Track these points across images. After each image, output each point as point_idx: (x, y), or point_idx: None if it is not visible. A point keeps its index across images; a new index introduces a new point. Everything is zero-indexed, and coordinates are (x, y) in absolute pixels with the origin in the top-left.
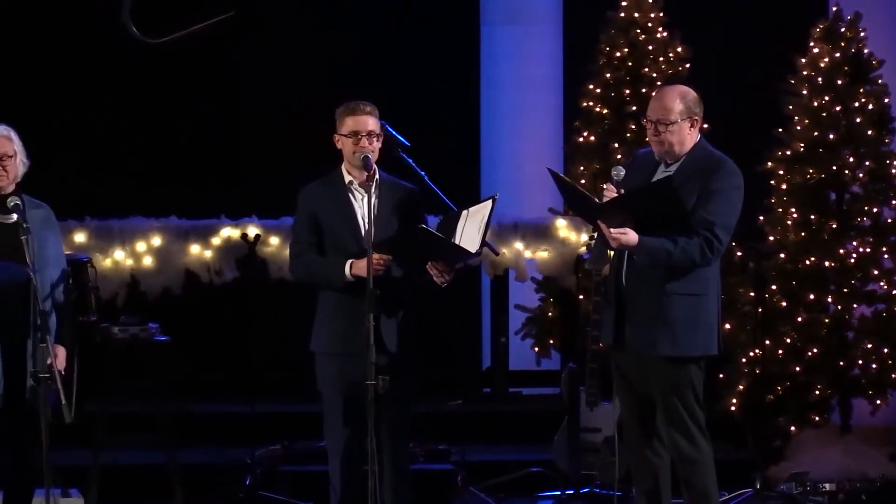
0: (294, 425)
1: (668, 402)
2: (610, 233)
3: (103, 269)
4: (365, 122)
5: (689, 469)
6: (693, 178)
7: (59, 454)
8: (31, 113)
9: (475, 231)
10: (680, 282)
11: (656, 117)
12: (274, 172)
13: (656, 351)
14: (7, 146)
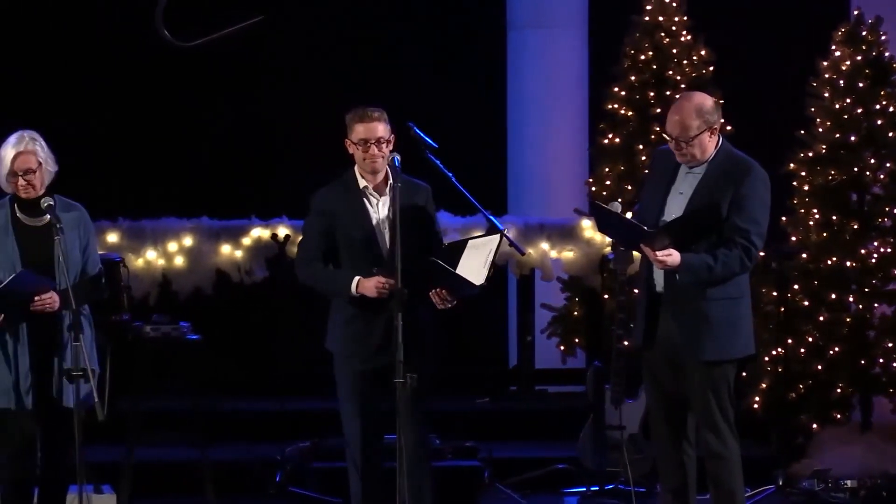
0: (323, 422)
1: (704, 402)
2: (656, 256)
3: (135, 268)
4: (374, 130)
5: (718, 466)
6: (722, 184)
7: (92, 451)
8: (66, 115)
9: (480, 264)
10: (719, 287)
11: (676, 134)
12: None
13: (700, 356)
14: (30, 161)
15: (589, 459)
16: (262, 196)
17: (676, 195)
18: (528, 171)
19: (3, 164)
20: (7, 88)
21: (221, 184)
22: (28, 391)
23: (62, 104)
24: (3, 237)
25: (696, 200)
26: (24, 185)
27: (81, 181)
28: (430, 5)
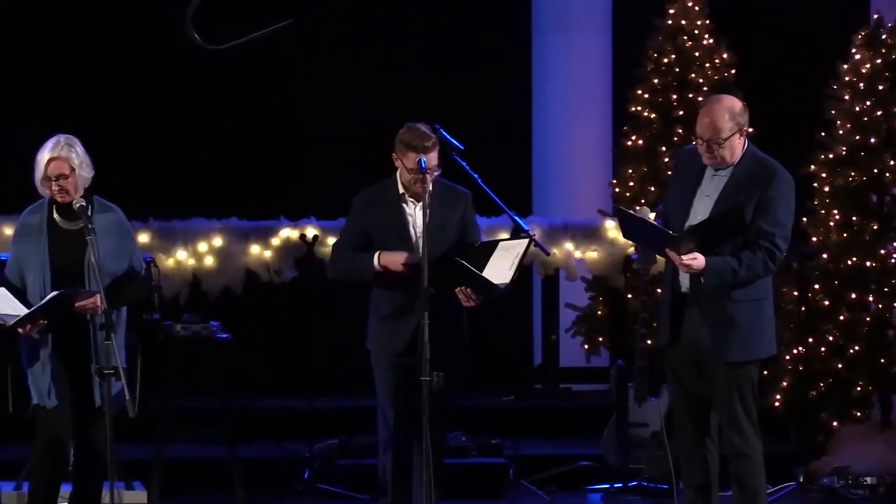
0: (350, 420)
1: (729, 402)
2: (681, 260)
3: (166, 268)
4: (429, 160)
5: (742, 465)
6: (748, 187)
7: (123, 448)
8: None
9: (506, 266)
10: (743, 289)
11: (708, 136)
12: (331, 174)
13: (725, 357)
14: (63, 167)
15: (612, 457)
16: (291, 197)
17: (703, 197)
18: (553, 173)
19: (38, 169)
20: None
21: (251, 185)
22: (61, 389)
23: (95, 107)
24: (37, 239)
25: (722, 203)
26: (57, 190)
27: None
28: (457, 9)
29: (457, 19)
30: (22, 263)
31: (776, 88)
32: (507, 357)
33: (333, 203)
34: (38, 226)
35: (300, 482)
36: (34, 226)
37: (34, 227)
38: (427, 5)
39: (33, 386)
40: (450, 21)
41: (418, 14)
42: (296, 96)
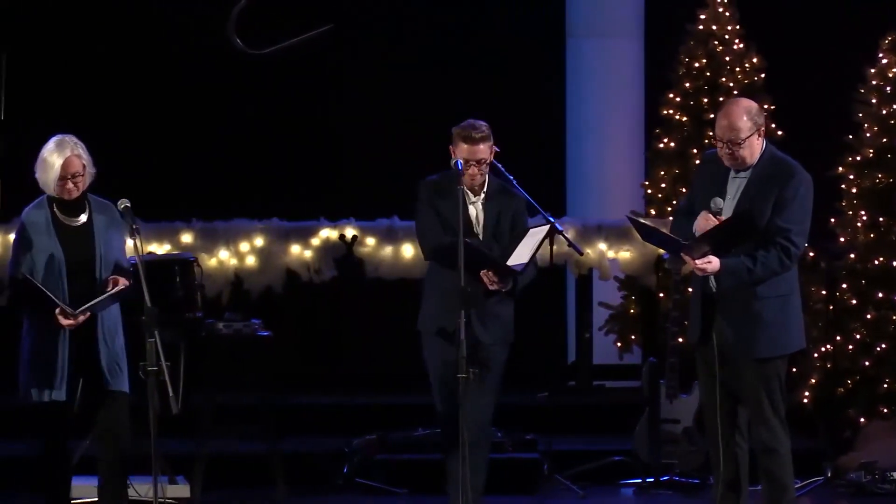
0: (389, 416)
1: (757, 398)
2: (696, 264)
3: (209, 268)
4: (475, 152)
5: (770, 460)
6: (767, 186)
7: (167, 444)
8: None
9: (527, 249)
10: (769, 285)
11: (727, 138)
12: (370, 176)
13: (752, 354)
14: (77, 165)
15: (644, 452)
16: (331, 198)
17: (729, 200)
18: (587, 174)
19: (52, 169)
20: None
21: (292, 186)
22: (65, 382)
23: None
24: (47, 238)
25: (742, 204)
26: (70, 188)
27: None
28: (493, 14)
29: (493, 24)
30: (36, 259)
31: (805, 92)
32: (541, 355)
33: (372, 204)
34: (44, 223)
35: (339, 477)
36: (41, 223)
37: (41, 225)
38: (463, 10)
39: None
40: (486, 26)
41: (455, 18)
42: (335, 100)
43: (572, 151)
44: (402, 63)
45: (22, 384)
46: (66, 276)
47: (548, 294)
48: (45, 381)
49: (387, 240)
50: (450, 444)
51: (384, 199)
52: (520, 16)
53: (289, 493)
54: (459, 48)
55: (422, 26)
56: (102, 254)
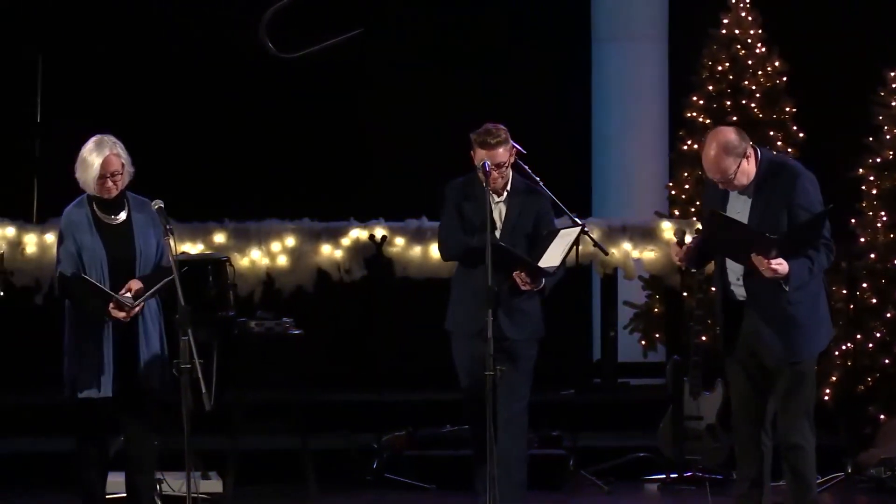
0: (417, 413)
1: (790, 396)
2: (768, 264)
3: (241, 267)
4: (493, 156)
5: (797, 457)
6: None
7: (200, 440)
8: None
9: (559, 251)
10: (798, 292)
11: (717, 178)
12: (399, 178)
13: (790, 358)
14: (116, 164)
15: (668, 448)
16: (361, 199)
17: (734, 215)
18: (612, 176)
19: (91, 168)
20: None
21: (322, 187)
22: (110, 379)
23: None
24: (89, 237)
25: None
26: (109, 187)
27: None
28: (521, 18)
29: (521, 28)
30: (82, 256)
31: (826, 95)
32: (567, 353)
33: (401, 205)
34: (86, 221)
35: (369, 472)
36: (82, 222)
37: (82, 224)
38: (492, 14)
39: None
40: (514, 29)
41: (483, 22)
42: (365, 103)
43: (598, 153)
44: (431, 66)
45: (67, 381)
46: (107, 273)
47: (574, 293)
48: (91, 379)
49: (415, 240)
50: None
51: (413, 199)
52: (547, 20)
53: (319, 489)
54: (488, 51)
55: (450, 30)
56: (142, 250)
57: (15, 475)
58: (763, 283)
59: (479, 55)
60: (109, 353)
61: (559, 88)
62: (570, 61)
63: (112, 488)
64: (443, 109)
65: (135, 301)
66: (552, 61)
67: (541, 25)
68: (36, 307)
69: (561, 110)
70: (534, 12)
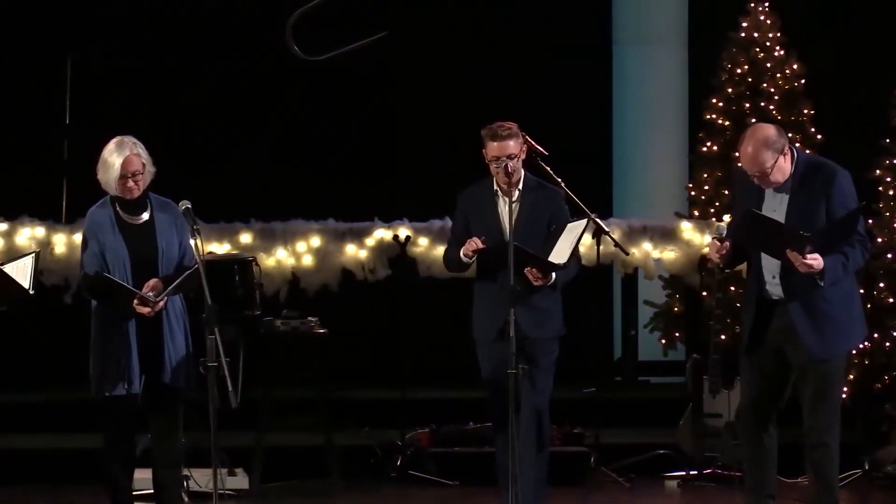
0: (441, 410)
1: (819, 394)
2: (804, 260)
3: (267, 267)
4: (504, 148)
5: (822, 454)
6: (812, 194)
7: (226, 436)
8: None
9: (567, 245)
10: (835, 285)
11: (755, 171)
12: (423, 178)
13: (824, 354)
14: (137, 164)
15: (688, 445)
16: (385, 199)
17: (770, 213)
18: (632, 177)
19: (112, 169)
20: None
21: (347, 188)
22: (137, 376)
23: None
24: (112, 237)
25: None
26: (131, 187)
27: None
28: (543, 22)
29: (543, 31)
30: (105, 255)
31: (843, 97)
32: (589, 351)
33: (424, 206)
34: (109, 222)
35: (393, 469)
36: (105, 222)
37: (106, 224)
38: (515, 17)
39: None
40: (536, 32)
41: (505, 26)
42: (389, 105)
43: (619, 154)
44: (455, 67)
45: (94, 379)
46: (130, 273)
47: (595, 293)
48: (118, 376)
49: (439, 240)
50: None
51: (436, 200)
52: (569, 24)
53: (344, 485)
54: (511, 54)
55: (474, 32)
56: (164, 250)
57: (44, 471)
58: (800, 279)
59: (502, 57)
60: (135, 351)
61: (581, 91)
62: (592, 64)
63: (139, 485)
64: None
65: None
66: (574, 64)
67: (563, 29)
68: (65, 306)
69: (582, 112)
70: (556, 16)
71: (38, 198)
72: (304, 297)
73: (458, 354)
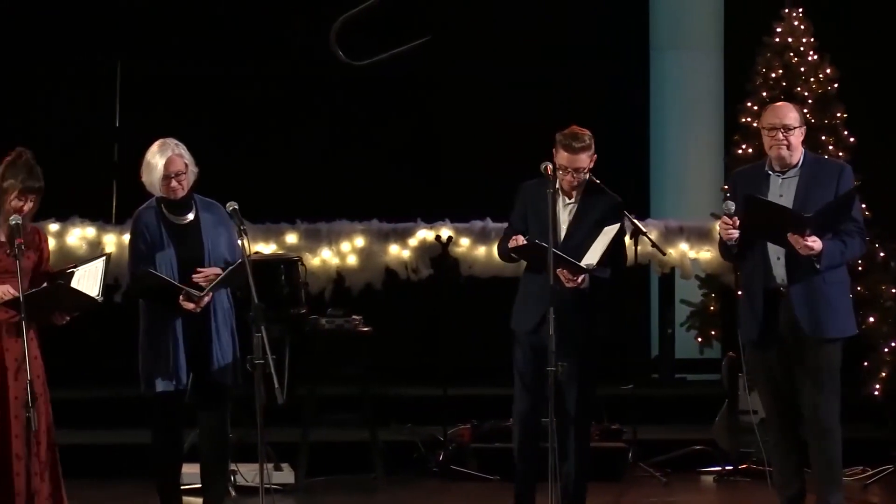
0: (482, 407)
1: (820, 378)
2: (805, 242)
3: (312, 266)
4: (574, 160)
5: (829, 440)
6: (820, 182)
7: (273, 432)
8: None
9: (599, 248)
10: (835, 272)
11: (782, 123)
12: (465, 180)
13: (823, 333)
14: (180, 164)
15: (724, 441)
16: (427, 201)
17: (776, 199)
18: (669, 178)
19: (155, 170)
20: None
21: (391, 189)
22: (185, 373)
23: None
24: (159, 237)
25: (797, 201)
26: (175, 187)
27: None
28: (583, 27)
29: (583, 36)
30: (153, 256)
31: (875, 101)
32: (627, 349)
33: (466, 206)
34: (156, 223)
35: (435, 464)
36: (152, 223)
37: (152, 225)
38: (555, 23)
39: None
40: (576, 37)
41: (545, 31)
42: (432, 108)
43: (656, 157)
44: (496, 71)
45: (143, 376)
46: (178, 272)
47: (633, 292)
48: (166, 373)
49: (480, 240)
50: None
51: (478, 201)
52: (608, 29)
53: (387, 479)
54: (551, 58)
55: (514, 36)
56: (210, 250)
57: (94, 466)
58: (803, 262)
59: (541, 62)
60: (183, 348)
61: (619, 95)
62: (630, 69)
63: (187, 479)
64: (507, 114)
65: (202, 292)
66: (612, 68)
67: (602, 34)
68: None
69: (620, 116)
70: (596, 22)
71: (89, 199)
72: (348, 296)
73: (499, 352)
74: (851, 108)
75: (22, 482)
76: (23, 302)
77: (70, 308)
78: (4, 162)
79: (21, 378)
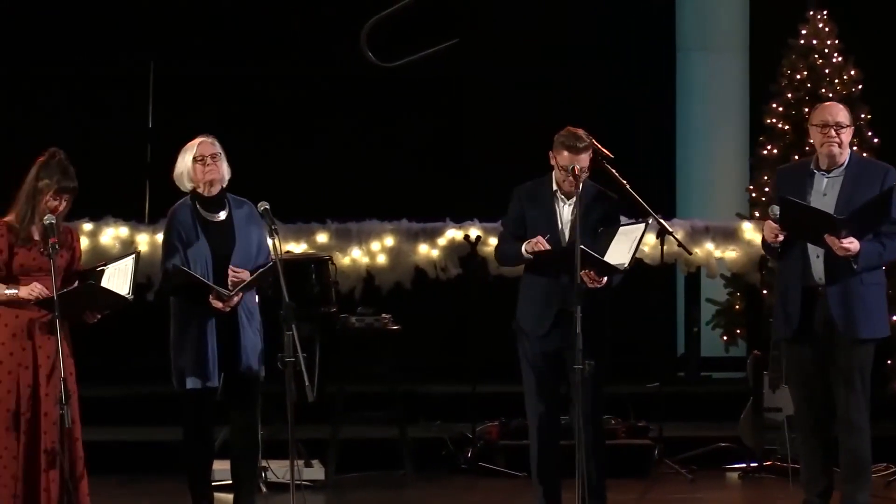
0: (510, 404)
1: (852, 377)
2: (841, 244)
3: (342, 266)
4: (577, 160)
5: (858, 437)
6: (864, 182)
7: (303, 429)
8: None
9: (625, 249)
10: (872, 273)
11: (834, 121)
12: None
13: (857, 334)
14: (212, 148)
15: (749, 438)
16: (456, 200)
17: (820, 197)
18: (695, 179)
19: (188, 154)
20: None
21: (420, 189)
22: (216, 371)
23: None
24: (193, 234)
25: (840, 200)
26: (209, 168)
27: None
28: (611, 28)
29: (610, 38)
30: (187, 253)
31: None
32: (653, 347)
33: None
34: (190, 220)
35: (464, 460)
36: (186, 220)
37: (187, 222)
38: (583, 25)
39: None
40: (602, 40)
41: (573, 32)
42: (460, 109)
43: (682, 157)
44: (523, 71)
45: (176, 373)
46: (211, 270)
47: (659, 291)
48: (199, 370)
49: None
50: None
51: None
52: (635, 31)
53: (416, 476)
54: (578, 59)
55: (541, 38)
56: (244, 248)
57: (126, 463)
58: (840, 261)
59: (568, 63)
60: (214, 345)
61: (645, 95)
62: (656, 70)
63: (218, 476)
64: (534, 114)
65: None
66: (639, 69)
67: (629, 36)
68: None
69: (646, 116)
70: (623, 23)
71: (122, 199)
72: (378, 294)
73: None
74: (875, 109)
75: (48, 478)
76: (56, 301)
77: (102, 307)
78: (38, 162)
79: (54, 375)
